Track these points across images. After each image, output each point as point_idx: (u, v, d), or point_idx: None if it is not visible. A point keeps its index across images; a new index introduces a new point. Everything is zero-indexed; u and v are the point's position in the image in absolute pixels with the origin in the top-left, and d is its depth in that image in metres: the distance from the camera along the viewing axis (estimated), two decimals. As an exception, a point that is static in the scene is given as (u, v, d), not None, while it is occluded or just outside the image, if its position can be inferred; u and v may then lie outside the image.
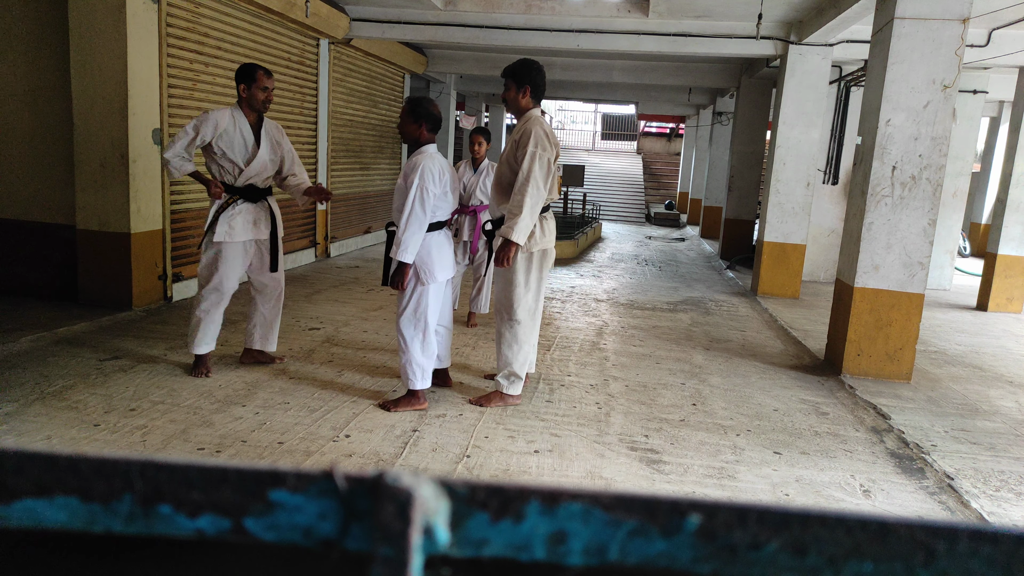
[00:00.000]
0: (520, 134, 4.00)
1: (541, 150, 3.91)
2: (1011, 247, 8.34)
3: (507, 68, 4.11)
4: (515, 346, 4.12)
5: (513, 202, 3.88)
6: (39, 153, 5.88)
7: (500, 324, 4.15)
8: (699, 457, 3.67)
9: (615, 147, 30.83)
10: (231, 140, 4.17)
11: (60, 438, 3.41)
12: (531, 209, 3.86)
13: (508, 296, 4.09)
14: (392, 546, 0.41)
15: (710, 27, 8.28)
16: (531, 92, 4.06)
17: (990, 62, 8.17)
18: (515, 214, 3.85)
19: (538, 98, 4.12)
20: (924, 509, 3.29)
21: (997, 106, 13.86)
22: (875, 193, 5.16)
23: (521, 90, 4.05)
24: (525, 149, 3.90)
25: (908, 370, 5.29)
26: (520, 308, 4.08)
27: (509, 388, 4.18)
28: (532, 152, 3.88)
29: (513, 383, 4.18)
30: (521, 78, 4.05)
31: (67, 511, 0.44)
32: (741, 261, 11.36)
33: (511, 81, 4.08)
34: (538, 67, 4.09)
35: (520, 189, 3.85)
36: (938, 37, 4.95)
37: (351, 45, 9.36)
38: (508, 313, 4.10)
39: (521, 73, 4.05)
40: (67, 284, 5.95)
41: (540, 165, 3.89)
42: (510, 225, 3.85)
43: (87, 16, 5.49)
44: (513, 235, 3.84)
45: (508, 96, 4.11)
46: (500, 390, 4.19)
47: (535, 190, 3.86)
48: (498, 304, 4.16)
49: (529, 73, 4.06)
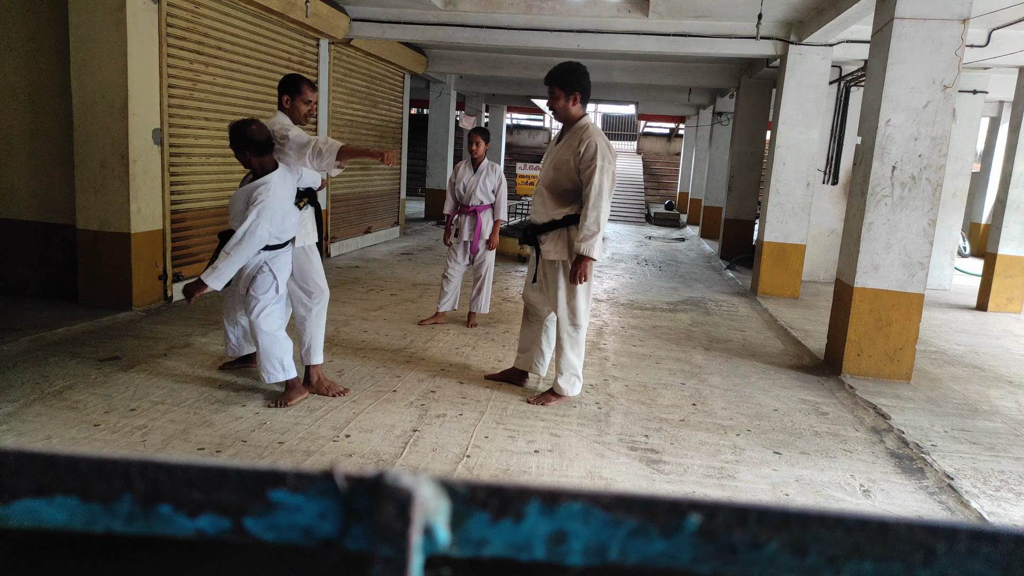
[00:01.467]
0: (582, 145, 3.88)
1: (608, 163, 3.88)
2: (1011, 247, 8.34)
3: (552, 74, 3.93)
4: (577, 348, 4.18)
5: (589, 219, 3.87)
6: (39, 153, 5.88)
7: (561, 330, 4.17)
8: (699, 457, 3.67)
9: (615, 147, 30.78)
10: None
11: (60, 438, 3.41)
12: (603, 224, 3.91)
13: (572, 304, 4.12)
14: (392, 546, 0.41)
15: (710, 27, 8.28)
16: (581, 98, 3.94)
17: (990, 62, 8.17)
18: (592, 231, 3.87)
19: (587, 103, 4.02)
20: (924, 509, 3.29)
21: (997, 106, 13.86)
22: (875, 193, 5.16)
23: (571, 97, 3.92)
24: (592, 163, 3.83)
25: (908, 370, 5.29)
26: (582, 313, 4.15)
27: (572, 390, 4.25)
28: (602, 167, 3.84)
29: (575, 384, 4.25)
30: (570, 85, 3.90)
31: (67, 511, 0.44)
32: (741, 261, 11.36)
33: (559, 89, 3.92)
34: (583, 70, 3.95)
35: (595, 205, 3.86)
36: (938, 37, 4.95)
37: (351, 45, 9.36)
38: (572, 319, 4.14)
39: (569, 80, 3.90)
40: (67, 284, 5.95)
41: (609, 179, 3.89)
42: (588, 243, 3.88)
43: (87, 16, 5.50)
44: (592, 252, 3.90)
45: (556, 105, 3.97)
46: (561, 393, 4.24)
47: (607, 205, 3.91)
48: (560, 311, 4.16)
49: (577, 78, 3.90)
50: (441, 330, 5.92)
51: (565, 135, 4.06)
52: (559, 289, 4.12)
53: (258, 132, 3.68)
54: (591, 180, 3.84)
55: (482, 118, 19.11)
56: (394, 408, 4.07)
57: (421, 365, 4.91)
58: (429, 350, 5.29)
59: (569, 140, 4.00)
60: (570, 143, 3.98)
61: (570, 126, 4.04)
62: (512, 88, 16.05)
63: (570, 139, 3.99)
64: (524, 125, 29.96)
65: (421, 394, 4.31)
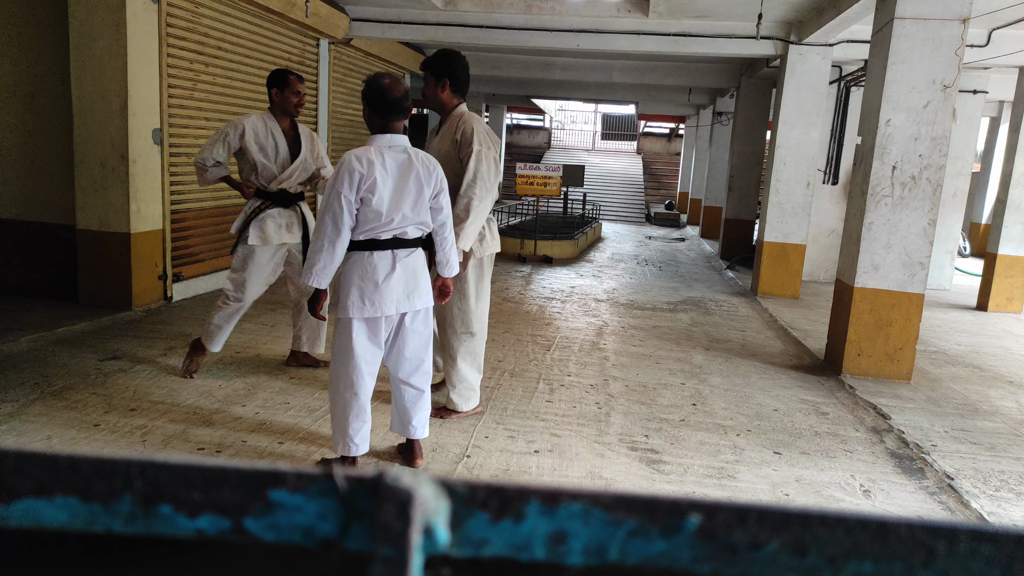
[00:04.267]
0: (458, 132, 3.63)
1: (487, 148, 3.60)
2: (1011, 247, 8.35)
3: (425, 60, 3.73)
4: (470, 358, 3.88)
5: (459, 206, 3.51)
6: (39, 153, 5.88)
7: (452, 338, 3.83)
8: (699, 457, 3.67)
9: (615, 147, 30.83)
10: (263, 145, 4.19)
11: (60, 438, 3.41)
12: (480, 213, 3.56)
13: (462, 308, 3.79)
14: (392, 546, 0.41)
15: (710, 27, 8.28)
16: (451, 85, 3.68)
17: (990, 62, 8.17)
18: (462, 219, 3.49)
19: (461, 92, 3.74)
20: (924, 509, 3.29)
21: (997, 106, 13.86)
22: (875, 193, 5.16)
23: (440, 83, 3.67)
24: (469, 147, 3.55)
25: (908, 370, 5.29)
26: (475, 319, 3.84)
27: (465, 405, 3.95)
28: (478, 151, 3.55)
29: (470, 398, 3.96)
30: (439, 70, 3.66)
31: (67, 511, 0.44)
32: (741, 261, 11.36)
33: (429, 74, 3.70)
34: (459, 57, 3.70)
35: (467, 191, 3.52)
36: (938, 37, 4.95)
37: (351, 45, 9.36)
38: (463, 326, 3.82)
39: (439, 65, 3.67)
40: (67, 284, 5.95)
41: (488, 164, 3.59)
42: (457, 231, 3.45)
43: (87, 16, 5.49)
44: (461, 242, 3.48)
45: (427, 91, 3.74)
46: (455, 408, 3.93)
47: (484, 191, 3.56)
48: (448, 317, 3.82)
49: (449, 64, 3.66)
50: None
51: (443, 126, 3.79)
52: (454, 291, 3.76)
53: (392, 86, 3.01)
54: (467, 165, 3.55)
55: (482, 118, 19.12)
56: (394, 408, 4.07)
57: (421, 365, 4.91)
58: (429, 350, 5.29)
59: (446, 130, 3.74)
60: (448, 132, 3.72)
61: (446, 116, 3.77)
62: (512, 88, 16.05)
63: (447, 128, 3.74)
64: (524, 125, 29.98)
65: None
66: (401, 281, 2.99)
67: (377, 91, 2.90)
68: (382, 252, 2.95)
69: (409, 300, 3.02)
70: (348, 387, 3.00)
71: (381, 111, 2.92)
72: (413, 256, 3.05)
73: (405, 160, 2.94)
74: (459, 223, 3.48)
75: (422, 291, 3.08)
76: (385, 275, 2.94)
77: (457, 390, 3.92)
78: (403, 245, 3.01)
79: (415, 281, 3.04)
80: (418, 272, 3.06)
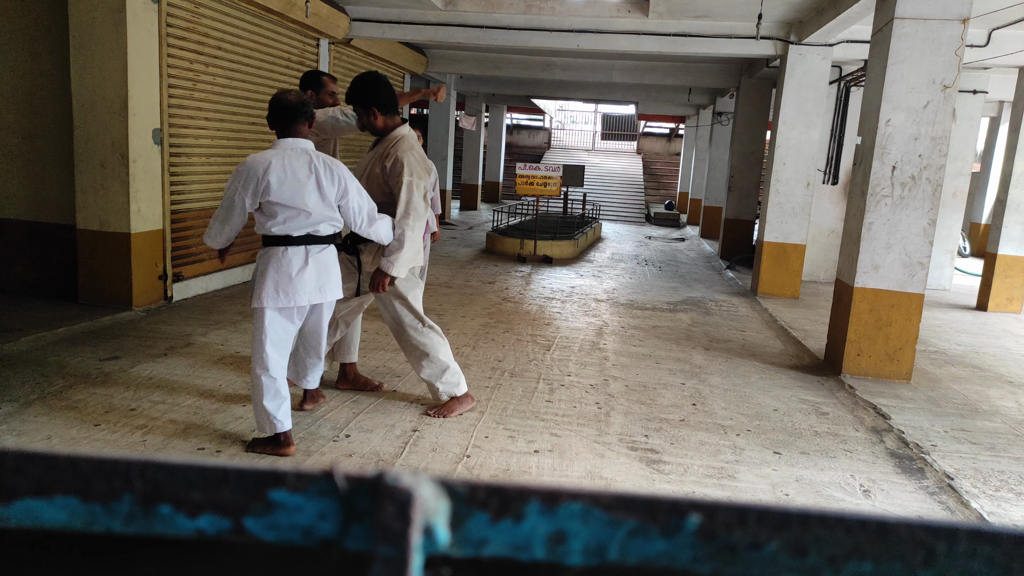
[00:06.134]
0: (389, 159, 3.69)
1: (417, 179, 3.67)
2: (1011, 247, 8.35)
3: (347, 92, 3.76)
4: (436, 346, 3.91)
5: (394, 235, 3.62)
6: (39, 153, 5.89)
7: (415, 337, 3.88)
8: (699, 457, 3.67)
9: (615, 147, 30.83)
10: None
11: (60, 438, 3.41)
12: (413, 242, 3.65)
13: (408, 309, 3.87)
14: (392, 546, 0.41)
15: (710, 27, 8.28)
16: (380, 110, 3.72)
17: (990, 62, 8.17)
18: (395, 249, 3.60)
19: (390, 111, 3.78)
20: (924, 509, 3.29)
21: (997, 106, 13.86)
22: (875, 193, 5.16)
23: (369, 112, 3.72)
24: (399, 178, 3.62)
25: (908, 370, 5.29)
26: (423, 313, 3.92)
27: (457, 388, 4.01)
28: (409, 182, 3.62)
29: (458, 383, 4.02)
30: (363, 100, 3.71)
31: (67, 511, 0.44)
32: (741, 261, 11.36)
33: (358, 108, 3.76)
34: (376, 80, 3.73)
35: (400, 222, 3.60)
36: (938, 37, 4.96)
37: (351, 45, 9.36)
38: (418, 322, 3.89)
39: (361, 95, 3.71)
40: (67, 284, 5.95)
41: (419, 194, 3.66)
42: (391, 260, 3.59)
43: (87, 16, 5.49)
44: (394, 270, 3.61)
45: (362, 123, 3.82)
46: (455, 393, 4.00)
47: (416, 220, 3.64)
48: (400, 323, 3.88)
49: (369, 91, 3.71)
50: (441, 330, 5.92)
51: (378, 144, 3.84)
52: (394, 300, 3.84)
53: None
54: (398, 197, 3.62)
55: (482, 118, 19.12)
56: (394, 408, 4.07)
57: (421, 365, 4.91)
58: (429, 350, 5.29)
59: (378, 151, 3.79)
60: (378, 155, 3.77)
61: (383, 137, 3.83)
62: (512, 88, 16.06)
63: (379, 151, 3.78)
64: (524, 125, 29.99)
65: (421, 394, 4.31)
66: (314, 275, 3.28)
67: (273, 102, 3.25)
68: (296, 247, 3.24)
69: (321, 292, 3.33)
70: (264, 371, 3.28)
71: (278, 118, 3.24)
72: (326, 252, 3.33)
73: (305, 161, 3.20)
74: (393, 253, 3.62)
75: (333, 284, 3.38)
76: (298, 269, 3.24)
77: (443, 379, 3.96)
78: (316, 241, 3.29)
79: (327, 275, 3.34)
80: (330, 267, 3.36)
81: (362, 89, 3.71)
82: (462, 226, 14.96)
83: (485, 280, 8.59)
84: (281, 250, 3.21)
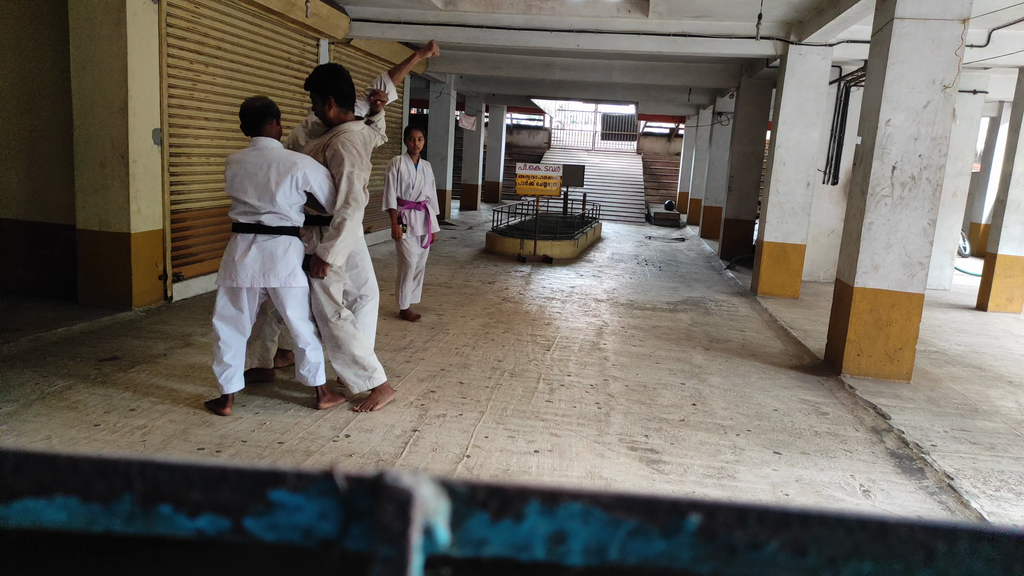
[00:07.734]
0: (329, 149, 3.74)
1: (358, 170, 3.73)
2: (1011, 247, 8.35)
3: (307, 79, 3.82)
4: (348, 339, 3.88)
5: (332, 223, 3.69)
6: (39, 153, 5.88)
7: (330, 328, 3.85)
8: (699, 457, 3.67)
9: (615, 147, 30.83)
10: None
11: (60, 438, 3.41)
12: (351, 231, 3.71)
13: (328, 297, 3.84)
14: (392, 546, 0.41)
15: (710, 27, 8.28)
16: (336, 102, 3.79)
17: (990, 62, 8.17)
18: (333, 236, 3.67)
19: (348, 106, 3.85)
20: (924, 509, 3.29)
21: (997, 106, 13.87)
22: (875, 193, 5.16)
23: (325, 102, 3.79)
24: (340, 168, 3.68)
25: (908, 370, 5.29)
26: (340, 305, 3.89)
27: (369, 382, 3.97)
28: (349, 172, 3.68)
29: (375, 375, 3.98)
30: (322, 89, 3.78)
31: (67, 511, 0.44)
32: (741, 261, 11.36)
33: (315, 95, 3.81)
34: (339, 72, 3.80)
35: (340, 211, 3.67)
36: (938, 37, 4.96)
37: (351, 45, 9.36)
38: (335, 315, 3.85)
39: (321, 84, 3.77)
40: (67, 284, 5.95)
41: (359, 184, 3.72)
42: (329, 247, 3.66)
43: (87, 16, 5.49)
44: (330, 257, 3.66)
45: (316, 110, 3.88)
46: (374, 386, 3.99)
47: (356, 210, 3.70)
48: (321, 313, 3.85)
49: (330, 82, 3.77)
50: (440, 330, 5.92)
51: (324, 134, 3.89)
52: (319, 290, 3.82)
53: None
54: (339, 186, 3.69)
55: (482, 118, 19.12)
56: (394, 408, 4.07)
57: (421, 365, 4.91)
58: (429, 350, 5.29)
59: (322, 140, 3.84)
60: (320, 143, 3.83)
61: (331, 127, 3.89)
62: (512, 88, 16.06)
63: (323, 140, 3.83)
64: (524, 125, 29.98)
65: (421, 394, 4.31)
66: (257, 260, 3.60)
67: (240, 109, 3.65)
68: (244, 235, 3.63)
69: (264, 277, 3.62)
70: (215, 340, 3.72)
71: (245, 122, 3.65)
72: (273, 242, 3.63)
73: (259, 159, 3.56)
74: (331, 240, 3.72)
75: (279, 271, 3.63)
76: (241, 253, 3.61)
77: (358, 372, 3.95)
78: (265, 231, 3.62)
79: (272, 262, 3.62)
80: (276, 255, 3.63)
81: (325, 78, 3.81)
82: (462, 226, 14.96)
83: (485, 280, 8.59)
84: (233, 236, 3.65)
